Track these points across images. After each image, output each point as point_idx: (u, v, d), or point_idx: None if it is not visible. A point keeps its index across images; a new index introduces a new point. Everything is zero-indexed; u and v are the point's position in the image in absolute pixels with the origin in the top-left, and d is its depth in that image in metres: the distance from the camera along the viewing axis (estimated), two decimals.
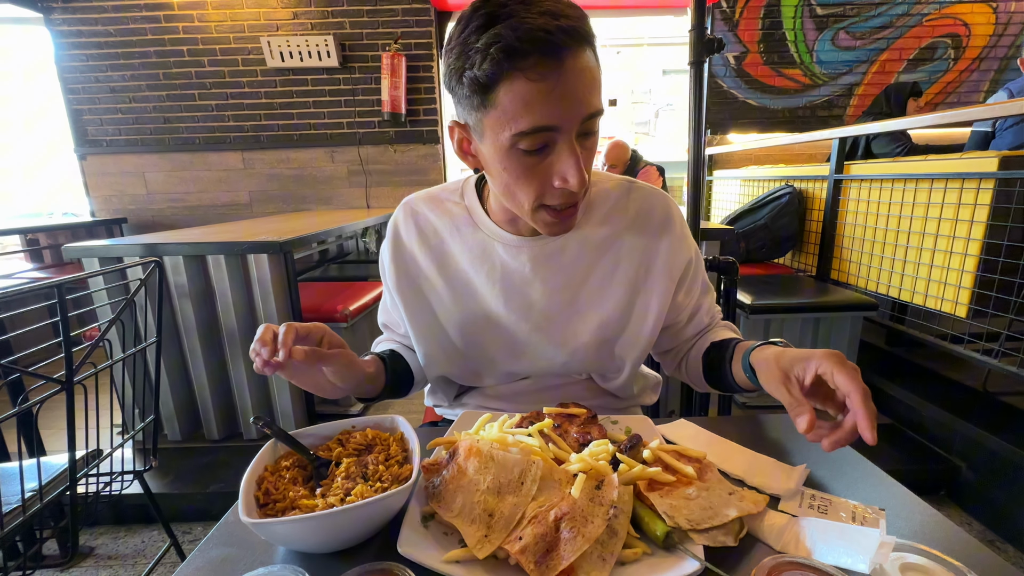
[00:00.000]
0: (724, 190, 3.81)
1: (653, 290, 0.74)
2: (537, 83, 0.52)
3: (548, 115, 0.54)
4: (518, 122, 0.55)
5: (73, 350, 0.94)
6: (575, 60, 0.53)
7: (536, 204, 0.62)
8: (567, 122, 0.55)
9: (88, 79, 3.43)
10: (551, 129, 0.55)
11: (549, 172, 0.59)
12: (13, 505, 0.92)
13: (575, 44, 0.53)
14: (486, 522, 0.46)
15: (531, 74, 0.52)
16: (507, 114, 0.55)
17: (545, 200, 0.62)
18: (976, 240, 1.77)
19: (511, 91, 0.53)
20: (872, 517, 0.51)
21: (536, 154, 0.58)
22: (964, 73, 3.68)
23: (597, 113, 0.57)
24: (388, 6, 3.34)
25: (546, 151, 0.58)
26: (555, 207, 0.62)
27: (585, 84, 0.54)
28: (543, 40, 0.51)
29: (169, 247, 1.74)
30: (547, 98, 0.53)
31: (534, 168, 0.59)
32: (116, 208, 3.66)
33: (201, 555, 0.49)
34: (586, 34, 0.54)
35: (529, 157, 0.58)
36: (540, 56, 0.52)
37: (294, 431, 0.59)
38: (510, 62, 0.52)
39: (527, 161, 0.58)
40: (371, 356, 0.78)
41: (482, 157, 0.63)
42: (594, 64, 0.56)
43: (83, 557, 1.55)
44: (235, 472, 1.78)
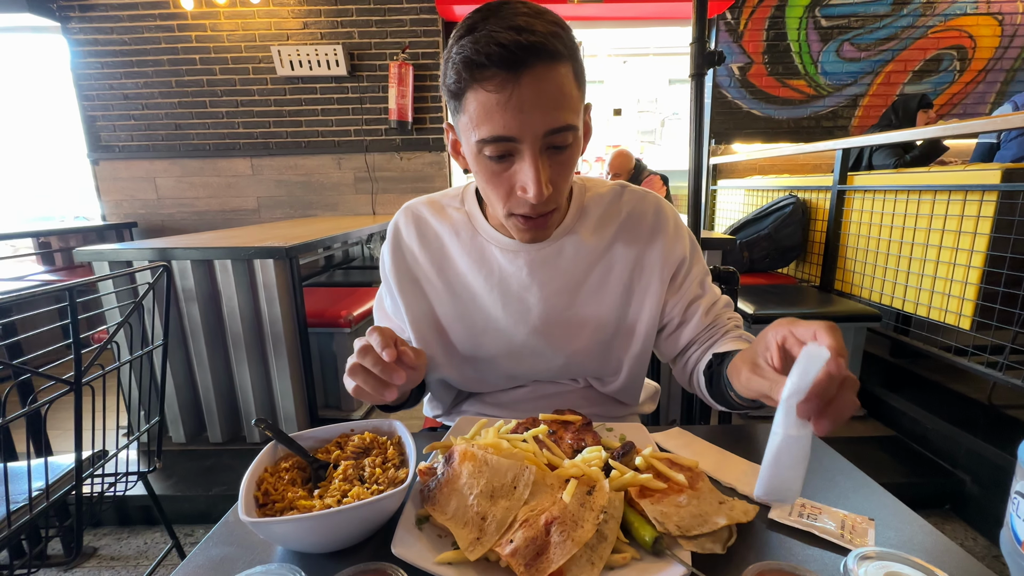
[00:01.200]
0: (728, 200, 3.81)
1: (647, 290, 0.75)
2: (494, 95, 0.55)
3: (505, 126, 0.56)
4: (480, 129, 0.58)
5: (82, 352, 0.96)
6: (534, 75, 0.55)
7: (507, 211, 0.65)
8: (526, 134, 0.57)
9: (102, 86, 3.51)
10: (510, 140, 0.58)
11: (512, 181, 0.61)
12: (20, 503, 0.94)
13: (536, 60, 0.54)
14: (478, 525, 0.47)
15: (488, 86, 0.55)
16: (472, 121, 0.58)
17: (512, 208, 0.64)
18: (980, 252, 1.77)
19: (474, 100, 0.57)
20: (861, 527, 0.52)
21: (501, 161, 0.60)
22: (970, 85, 3.68)
23: (563, 128, 0.58)
24: (396, 16, 3.40)
25: (510, 159, 0.60)
26: (523, 215, 0.64)
27: (546, 99, 0.56)
28: (499, 55, 0.53)
29: (177, 251, 1.77)
30: (504, 110, 0.55)
31: (500, 175, 0.61)
32: (127, 212, 3.72)
33: (202, 553, 0.50)
34: (552, 50, 0.55)
35: (495, 164, 0.61)
36: (497, 70, 0.54)
37: (294, 433, 0.60)
38: (470, 74, 0.56)
39: (494, 167, 0.61)
40: None
41: (467, 159, 0.66)
42: (563, 79, 0.57)
43: (86, 557, 1.57)
44: (237, 475, 1.78)
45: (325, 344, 2.17)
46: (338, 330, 2.13)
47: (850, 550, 0.44)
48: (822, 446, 0.69)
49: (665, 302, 0.77)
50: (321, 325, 2.10)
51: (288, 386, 1.88)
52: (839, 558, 0.47)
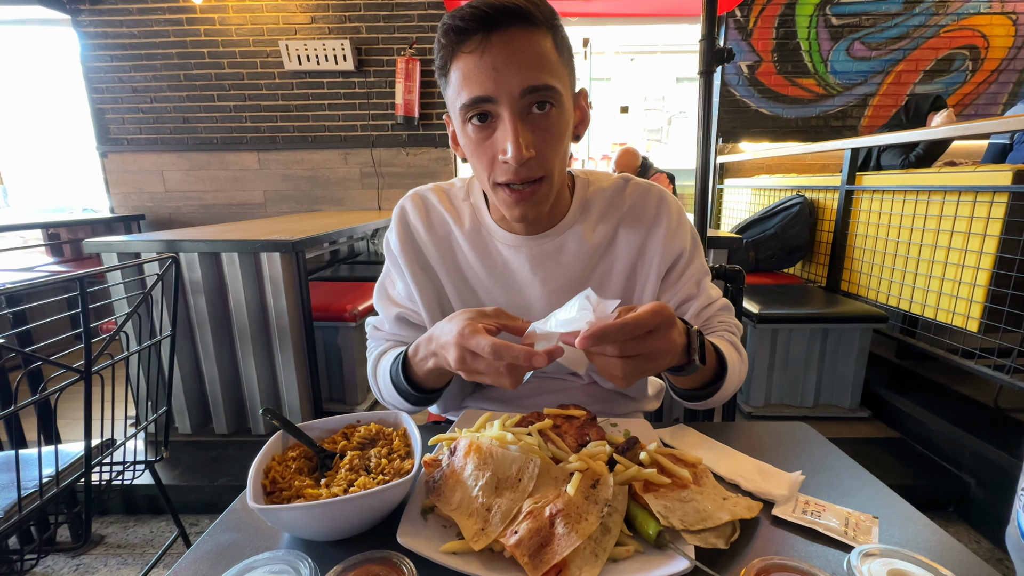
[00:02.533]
0: (735, 199, 3.79)
1: (647, 281, 0.75)
2: (471, 55, 0.58)
3: (482, 86, 0.58)
4: (461, 95, 0.60)
5: (92, 341, 0.97)
6: (508, 35, 0.57)
7: (492, 182, 0.65)
8: (501, 94, 0.58)
9: (112, 79, 3.53)
10: (488, 100, 0.59)
11: (495, 147, 0.62)
12: (30, 490, 0.96)
13: (510, 21, 0.57)
14: (483, 516, 0.48)
15: (466, 48, 0.58)
16: (456, 90, 0.61)
17: (496, 177, 0.64)
18: (989, 254, 1.75)
19: (456, 69, 0.60)
20: (865, 524, 0.52)
21: (483, 128, 0.62)
22: (982, 85, 3.63)
23: (541, 88, 0.59)
24: (404, 11, 3.40)
25: (492, 125, 0.61)
26: (508, 185, 0.64)
27: (521, 58, 0.57)
28: (476, 16, 0.56)
29: (185, 244, 1.79)
30: (480, 70, 0.58)
31: (483, 143, 0.63)
32: (135, 205, 3.74)
33: (210, 539, 0.51)
34: (526, 13, 0.57)
35: (479, 132, 0.62)
36: (475, 31, 0.57)
37: (301, 423, 0.61)
38: (449, 40, 0.59)
39: (477, 136, 0.63)
40: None
41: (459, 140, 0.67)
42: (538, 43, 0.59)
43: (93, 545, 1.59)
44: (243, 466, 1.80)
45: (330, 338, 2.18)
46: (343, 324, 2.14)
47: (853, 547, 0.44)
48: (826, 444, 0.69)
49: (658, 296, 0.76)
50: (326, 319, 2.11)
51: (293, 379, 1.89)
52: (842, 555, 0.47)
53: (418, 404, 0.74)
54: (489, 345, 0.50)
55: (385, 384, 0.75)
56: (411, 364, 0.68)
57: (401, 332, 0.81)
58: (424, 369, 0.65)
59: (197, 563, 0.48)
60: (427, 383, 0.69)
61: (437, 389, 0.72)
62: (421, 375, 0.67)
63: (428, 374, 0.66)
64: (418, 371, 0.67)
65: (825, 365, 2.12)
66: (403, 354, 0.70)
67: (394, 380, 0.71)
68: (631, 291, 0.76)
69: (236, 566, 0.42)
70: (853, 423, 2.11)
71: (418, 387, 0.70)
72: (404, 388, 0.70)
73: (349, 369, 2.21)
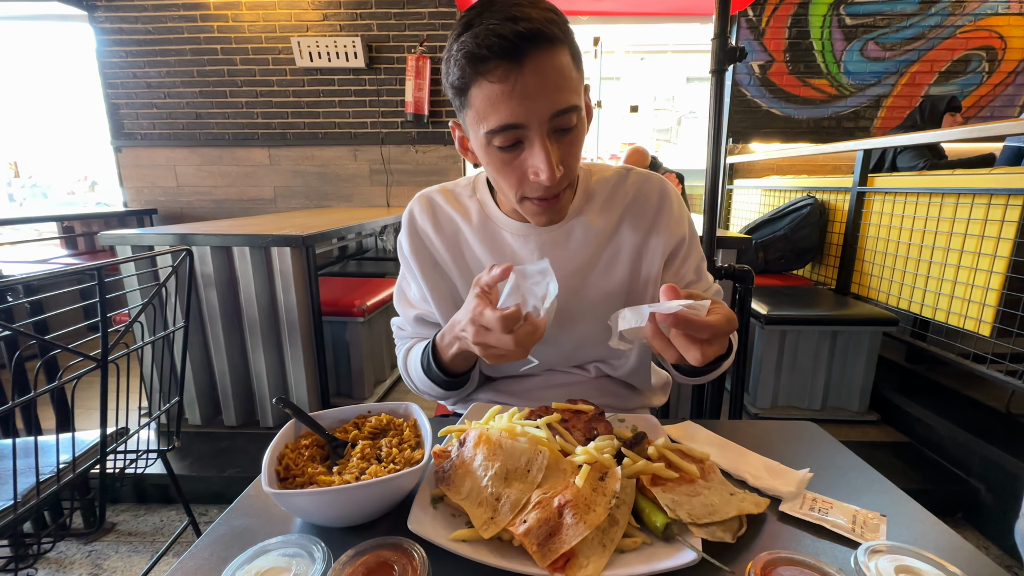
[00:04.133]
0: (744, 199, 3.77)
1: (651, 268, 0.78)
2: (498, 85, 0.57)
3: (512, 114, 0.58)
4: (487, 121, 0.60)
5: (108, 331, 0.99)
6: (536, 61, 0.56)
7: (519, 196, 0.67)
8: (532, 119, 0.59)
9: (126, 75, 3.57)
10: (518, 127, 0.59)
11: (524, 166, 0.63)
12: (47, 475, 0.98)
13: (534, 46, 0.56)
14: (492, 505, 0.48)
15: (492, 77, 0.57)
16: (479, 114, 0.60)
17: (526, 192, 0.66)
18: (1003, 257, 1.73)
19: (480, 94, 0.59)
20: (873, 522, 0.52)
21: (511, 150, 0.62)
22: (999, 87, 3.58)
23: (568, 110, 0.60)
24: (415, 9, 3.41)
25: (520, 147, 0.62)
26: (537, 198, 0.66)
27: (549, 83, 0.58)
28: (500, 45, 0.55)
29: (198, 237, 1.81)
30: (509, 98, 0.57)
31: (511, 163, 0.63)
32: (147, 199, 3.79)
33: (224, 523, 0.52)
34: (549, 35, 0.57)
35: (504, 153, 0.62)
36: (499, 60, 0.56)
37: (313, 413, 0.62)
38: (473, 68, 0.57)
39: (503, 156, 0.63)
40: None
41: (476, 153, 0.68)
42: (562, 62, 0.59)
43: (105, 532, 1.62)
44: (251, 458, 1.83)
45: (339, 333, 2.20)
46: (351, 319, 2.15)
47: (860, 544, 0.44)
48: (834, 443, 0.69)
49: (662, 280, 0.79)
50: (335, 314, 2.13)
51: (302, 372, 1.91)
52: (850, 551, 0.47)
53: (450, 388, 0.78)
54: (497, 319, 0.53)
55: (417, 374, 0.79)
56: (439, 350, 0.73)
57: (422, 331, 0.85)
58: (450, 354, 0.70)
59: (213, 545, 0.49)
60: (455, 367, 0.73)
61: (466, 371, 0.76)
62: (448, 360, 0.71)
63: (454, 358, 0.70)
64: (445, 356, 0.71)
65: (834, 367, 2.10)
66: (431, 342, 0.74)
67: (425, 368, 0.76)
68: (636, 276, 0.78)
69: (250, 549, 0.43)
70: (861, 426, 2.09)
71: (447, 371, 0.74)
72: (436, 374, 0.74)
73: (357, 364, 2.23)
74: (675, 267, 0.79)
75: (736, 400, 1.53)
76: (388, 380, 2.51)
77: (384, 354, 2.48)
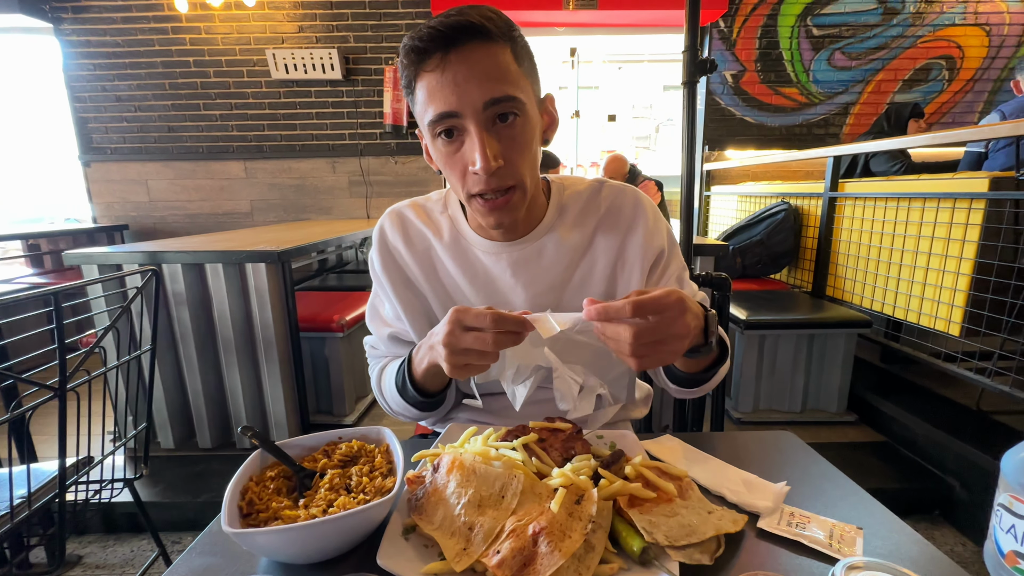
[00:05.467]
0: (721, 206, 3.84)
1: (629, 281, 0.76)
2: (432, 74, 0.60)
3: (446, 101, 0.60)
4: (428, 112, 0.62)
5: (69, 357, 0.95)
6: (467, 51, 0.59)
7: (466, 193, 0.66)
8: (466, 108, 0.60)
9: (95, 88, 3.48)
10: (453, 115, 0.61)
11: (465, 159, 0.63)
12: (1, 512, 0.92)
13: (466, 38, 0.58)
14: (465, 535, 0.47)
15: (428, 67, 0.60)
16: (423, 107, 0.62)
17: (470, 188, 0.65)
18: (968, 259, 1.79)
19: (421, 87, 0.62)
20: (850, 536, 0.52)
21: (452, 142, 0.63)
22: (958, 94, 3.73)
23: (502, 99, 0.60)
24: (392, 21, 3.41)
25: (460, 139, 0.63)
26: (482, 195, 0.65)
27: (480, 71, 0.59)
28: (430, 35, 0.58)
29: (168, 255, 1.76)
30: (442, 86, 0.59)
31: (453, 156, 0.64)
32: (118, 215, 3.68)
33: (184, 563, 0.49)
34: (481, 29, 0.59)
35: (448, 146, 0.64)
36: (433, 51, 0.59)
37: (281, 441, 0.60)
38: (412, 62, 0.61)
39: (447, 150, 0.64)
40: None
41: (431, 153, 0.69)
42: (497, 56, 0.60)
43: (71, 566, 1.54)
44: (227, 482, 1.75)
45: (317, 349, 2.16)
46: (330, 335, 2.11)
47: (838, 559, 0.44)
48: (811, 453, 0.70)
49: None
50: (314, 329, 2.09)
51: (280, 391, 1.86)
52: (827, 567, 0.47)
53: (424, 409, 0.76)
54: (489, 315, 0.54)
55: (391, 393, 0.77)
56: (413, 365, 0.71)
57: (396, 350, 0.83)
58: (422, 369, 0.68)
59: None
60: (429, 385, 0.71)
61: (440, 391, 0.74)
62: (420, 377, 0.70)
63: (426, 374, 0.68)
64: (418, 372, 0.69)
65: (812, 370, 2.14)
66: (407, 359, 0.72)
67: (399, 386, 0.73)
68: (613, 292, 0.77)
69: None
70: (840, 428, 2.12)
71: (421, 390, 0.72)
72: (411, 393, 0.72)
73: (336, 380, 2.18)
74: (656, 278, 0.78)
75: (718, 406, 1.54)
76: (369, 396, 2.46)
77: (365, 369, 2.44)
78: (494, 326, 0.54)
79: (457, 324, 0.56)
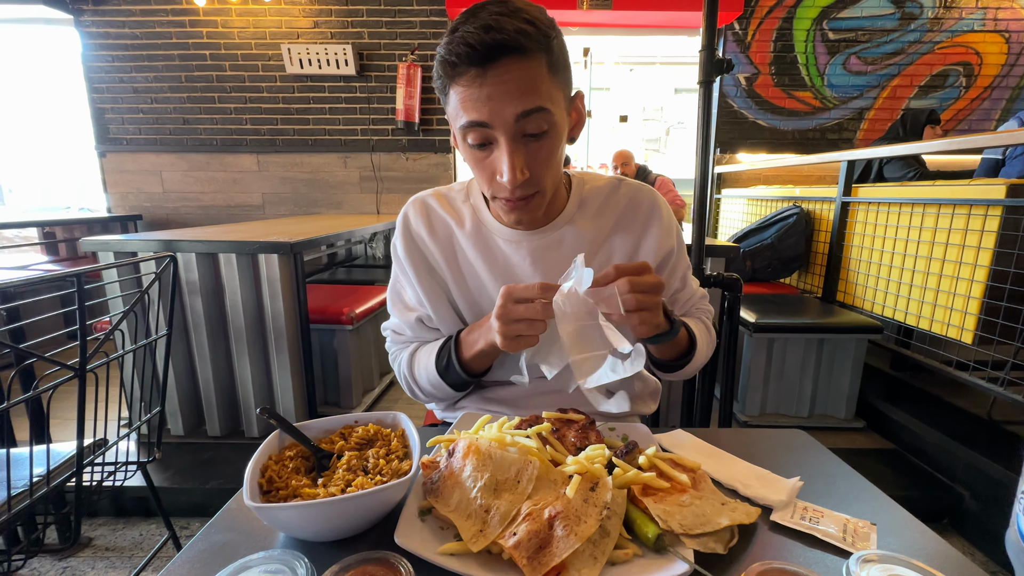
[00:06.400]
0: (732, 209, 3.82)
1: None
2: (467, 88, 0.61)
3: (478, 112, 0.62)
4: (459, 119, 0.64)
5: (87, 339, 0.96)
6: (502, 68, 0.60)
7: (492, 194, 0.70)
8: (496, 121, 0.62)
9: (112, 79, 3.53)
10: (485, 126, 0.63)
11: (493, 166, 0.66)
12: (20, 489, 0.94)
13: (502, 55, 0.59)
14: (482, 518, 0.47)
15: (462, 81, 0.61)
16: (455, 111, 0.64)
17: (495, 192, 0.68)
18: (983, 267, 1.77)
19: (454, 95, 0.63)
20: (864, 531, 0.52)
21: (482, 148, 0.66)
22: (976, 101, 3.69)
23: (533, 111, 0.62)
24: (406, 18, 3.42)
25: (490, 147, 0.65)
26: (504, 198, 0.68)
27: (512, 88, 0.61)
28: (467, 55, 0.59)
29: (183, 244, 1.78)
30: (476, 101, 0.61)
31: (482, 161, 0.67)
32: (132, 205, 3.73)
33: (204, 539, 0.50)
34: (516, 46, 0.59)
35: (477, 151, 0.66)
36: (467, 66, 0.60)
37: (298, 423, 0.61)
38: (445, 72, 0.62)
39: (476, 154, 0.67)
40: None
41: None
42: (530, 70, 0.61)
43: (81, 547, 1.56)
44: (235, 469, 1.79)
45: (326, 341, 2.17)
46: (340, 327, 2.13)
47: (852, 553, 0.44)
48: (824, 451, 0.69)
49: None
50: (323, 322, 2.11)
51: (288, 381, 1.88)
52: (841, 561, 0.47)
53: (461, 389, 0.80)
54: (537, 284, 0.60)
55: (428, 374, 0.79)
56: (462, 347, 0.75)
57: (424, 334, 0.84)
58: (474, 350, 0.72)
59: (191, 562, 0.47)
60: (474, 366, 0.75)
61: (481, 373, 0.78)
62: (469, 358, 0.74)
63: (476, 355, 0.73)
64: (469, 352, 0.74)
65: (820, 375, 2.13)
66: (455, 337, 0.77)
67: (441, 368, 0.77)
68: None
69: (231, 565, 0.41)
70: (848, 433, 2.11)
71: (467, 370, 0.75)
72: (455, 373, 0.75)
73: (345, 372, 2.20)
74: (663, 276, 0.81)
75: (725, 408, 1.54)
76: (376, 389, 2.47)
77: (373, 362, 2.46)
78: (542, 294, 0.59)
79: (508, 297, 0.61)
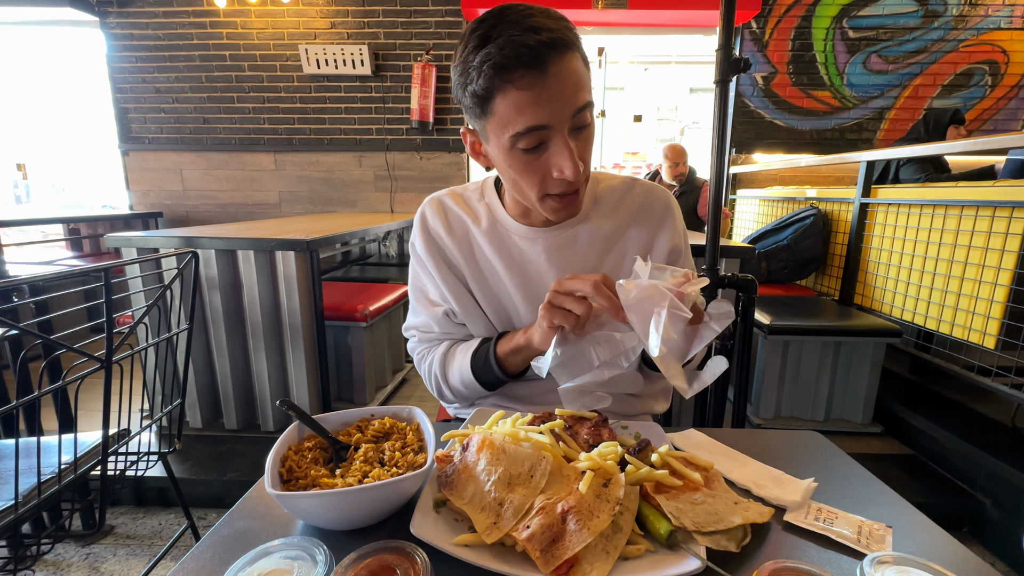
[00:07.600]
0: (747, 209, 3.77)
1: None
2: (525, 91, 0.60)
3: (538, 116, 0.62)
4: (514, 125, 0.63)
5: (113, 332, 0.99)
6: (557, 66, 0.60)
7: (541, 195, 0.70)
8: (557, 120, 0.62)
9: (136, 79, 3.61)
10: (543, 128, 0.63)
11: (547, 166, 0.66)
12: (48, 476, 0.98)
13: (556, 52, 0.60)
14: (495, 510, 0.48)
15: (519, 84, 0.60)
16: (504, 119, 0.63)
17: (548, 190, 0.69)
18: (1007, 270, 1.73)
19: (505, 100, 0.62)
20: (879, 533, 0.51)
21: (534, 151, 0.65)
22: (1001, 100, 3.59)
23: (584, 107, 0.64)
24: (421, 18, 3.45)
25: (543, 148, 0.65)
26: (558, 195, 0.69)
27: (570, 85, 0.62)
28: (526, 55, 0.59)
29: (203, 240, 1.82)
30: (536, 102, 0.61)
31: (533, 163, 0.66)
32: (153, 203, 3.82)
33: (226, 525, 0.52)
34: (567, 41, 0.61)
35: (528, 155, 0.66)
36: (525, 69, 0.59)
37: (316, 415, 0.62)
38: (500, 77, 0.60)
39: (527, 158, 0.66)
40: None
41: (491, 158, 0.71)
42: (578, 65, 0.63)
43: (103, 535, 1.61)
44: (251, 462, 1.82)
45: (341, 337, 2.20)
46: (354, 324, 2.16)
47: (866, 555, 0.43)
48: (839, 453, 0.69)
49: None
50: (338, 318, 2.13)
51: (304, 376, 1.91)
52: (855, 562, 0.47)
53: (492, 389, 0.81)
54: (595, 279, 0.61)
55: (462, 373, 0.80)
56: (500, 341, 0.77)
57: (452, 330, 0.85)
58: (510, 346, 0.75)
59: (214, 547, 0.49)
60: (507, 362, 0.77)
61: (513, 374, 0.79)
62: (504, 352, 0.76)
63: (510, 351, 0.75)
64: (505, 348, 0.76)
65: (837, 379, 2.09)
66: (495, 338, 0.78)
67: (478, 366, 0.78)
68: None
69: (252, 551, 0.43)
70: (865, 438, 2.07)
71: (502, 367, 0.77)
72: (492, 370, 0.77)
73: (359, 369, 2.23)
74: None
75: (739, 410, 1.53)
76: (389, 386, 2.50)
77: (386, 359, 2.48)
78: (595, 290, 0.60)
79: (559, 285, 0.63)
